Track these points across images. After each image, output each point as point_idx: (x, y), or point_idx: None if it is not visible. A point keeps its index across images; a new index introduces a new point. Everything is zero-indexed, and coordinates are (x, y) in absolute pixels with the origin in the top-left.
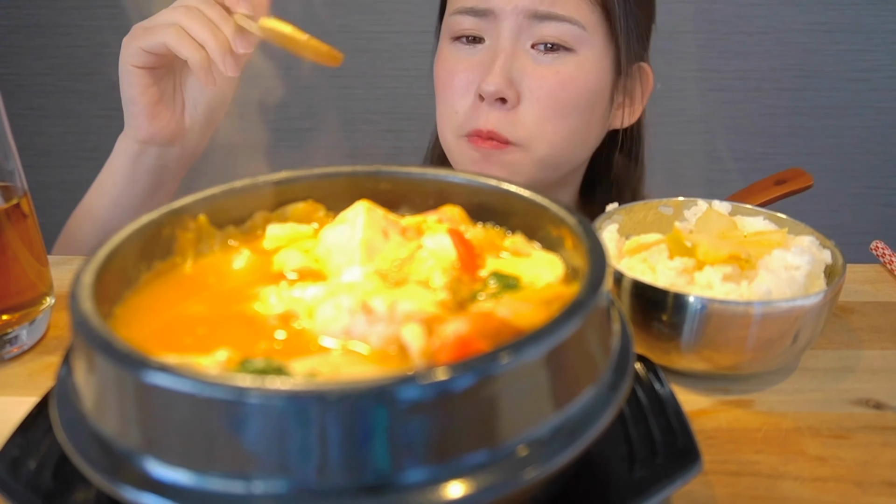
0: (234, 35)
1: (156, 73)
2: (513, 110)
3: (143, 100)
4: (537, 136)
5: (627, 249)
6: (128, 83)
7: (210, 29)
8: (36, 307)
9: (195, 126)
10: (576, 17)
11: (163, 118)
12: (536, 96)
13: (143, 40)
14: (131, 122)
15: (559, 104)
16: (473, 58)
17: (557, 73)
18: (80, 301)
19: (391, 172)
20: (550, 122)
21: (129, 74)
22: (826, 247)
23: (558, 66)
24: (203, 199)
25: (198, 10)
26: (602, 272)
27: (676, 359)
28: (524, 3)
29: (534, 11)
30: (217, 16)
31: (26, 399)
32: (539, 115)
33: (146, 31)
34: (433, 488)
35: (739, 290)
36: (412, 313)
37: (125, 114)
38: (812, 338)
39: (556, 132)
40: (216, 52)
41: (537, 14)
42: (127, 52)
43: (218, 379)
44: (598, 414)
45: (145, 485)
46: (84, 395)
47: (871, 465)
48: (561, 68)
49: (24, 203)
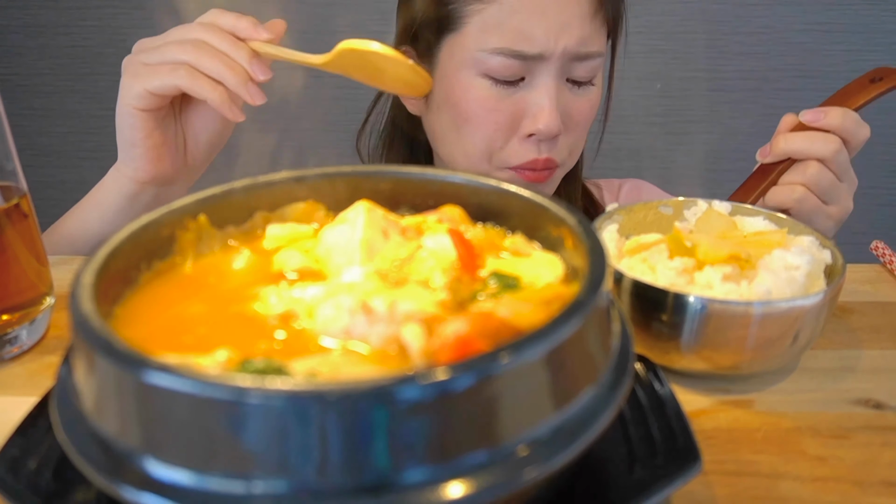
0: (250, 62)
1: (159, 114)
2: (559, 139)
3: (147, 143)
4: (571, 155)
5: (627, 249)
6: (129, 125)
7: (224, 62)
8: (36, 307)
9: (197, 161)
10: (601, 51)
11: (166, 160)
12: (577, 122)
13: (150, 81)
14: (131, 164)
15: (589, 122)
16: (514, 96)
17: (589, 101)
18: (80, 301)
19: (391, 172)
20: (582, 140)
21: (132, 118)
22: (826, 247)
23: (591, 94)
24: (203, 199)
25: (206, 43)
26: (602, 272)
27: (676, 359)
28: (571, 45)
29: (576, 54)
30: (229, 46)
31: (26, 399)
32: (577, 137)
33: (151, 69)
34: (433, 488)
35: (739, 290)
36: (412, 313)
37: (122, 153)
38: (812, 338)
39: (580, 146)
40: (236, 85)
41: (578, 56)
42: (130, 94)
43: (218, 379)
44: (598, 414)
45: (145, 485)
46: (84, 395)
47: (871, 465)
48: (592, 95)
49: (24, 203)
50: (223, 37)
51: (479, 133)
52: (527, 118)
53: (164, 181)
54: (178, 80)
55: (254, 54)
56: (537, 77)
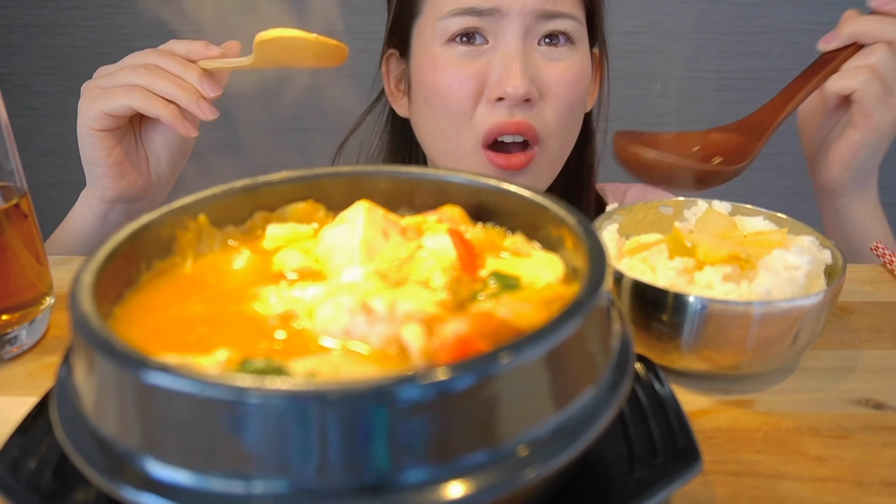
0: (199, 81)
1: (118, 133)
2: (534, 108)
3: (109, 161)
4: (553, 134)
5: (627, 249)
6: (90, 145)
7: (175, 83)
8: (36, 307)
9: (161, 177)
10: (574, 12)
11: (130, 176)
12: (555, 92)
13: (106, 104)
14: (97, 184)
15: (574, 99)
16: (479, 59)
17: (570, 68)
18: (80, 301)
19: (391, 172)
20: (566, 119)
21: (92, 137)
22: (826, 247)
23: (569, 60)
24: (203, 198)
25: (158, 67)
26: (602, 272)
27: (676, 359)
28: (532, 3)
29: (541, 11)
30: (179, 67)
31: (26, 399)
32: (558, 111)
33: (106, 92)
34: (433, 488)
35: (739, 290)
36: (412, 313)
37: (88, 175)
38: (812, 338)
39: (568, 128)
40: (188, 103)
41: (544, 13)
42: (87, 116)
43: (218, 379)
44: (598, 414)
45: (145, 485)
46: (84, 395)
47: (872, 466)
48: (571, 63)
49: (24, 203)
50: (175, 59)
51: (448, 104)
52: (494, 82)
53: (132, 197)
54: (132, 100)
55: (204, 73)
56: (501, 39)
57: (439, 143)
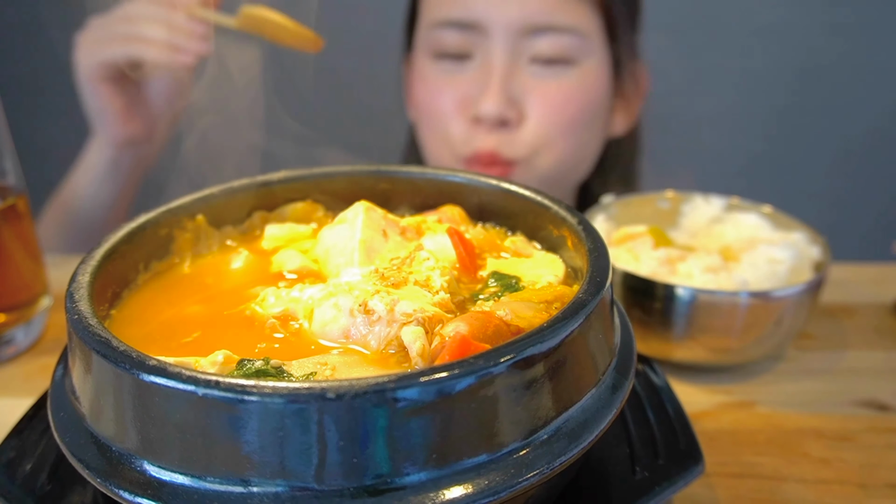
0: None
1: (118, 80)
2: (514, 130)
3: (114, 108)
4: (540, 152)
5: (615, 239)
6: (94, 95)
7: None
8: (31, 307)
9: (163, 117)
10: (576, 25)
11: (134, 120)
12: (540, 113)
13: (103, 55)
14: (104, 131)
15: (564, 120)
16: (462, 76)
17: (561, 88)
18: (77, 301)
19: (391, 172)
20: (555, 140)
21: (96, 88)
22: (817, 243)
23: (561, 79)
24: (201, 198)
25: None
26: (603, 273)
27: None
28: (516, 15)
29: (529, 25)
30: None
31: (22, 401)
32: (543, 133)
33: (101, 44)
34: (433, 490)
35: (717, 280)
36: (412, 313)
37: (95, 123)
38: (795, 326)
39: (561, 149)
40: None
41: (535, 27)
42: (88, 68)
43: (216, 379)
44: (598, 415)
45: (143, 487)
46: (81, 396)
47: (876, 468)
48: (564, 82)
49: (21, 203)
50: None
51: (432, 124)
52: (473, 101)
53: (139, 140)
54: (128, 49)
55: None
56: (483, 54)
57: (428, 148)
